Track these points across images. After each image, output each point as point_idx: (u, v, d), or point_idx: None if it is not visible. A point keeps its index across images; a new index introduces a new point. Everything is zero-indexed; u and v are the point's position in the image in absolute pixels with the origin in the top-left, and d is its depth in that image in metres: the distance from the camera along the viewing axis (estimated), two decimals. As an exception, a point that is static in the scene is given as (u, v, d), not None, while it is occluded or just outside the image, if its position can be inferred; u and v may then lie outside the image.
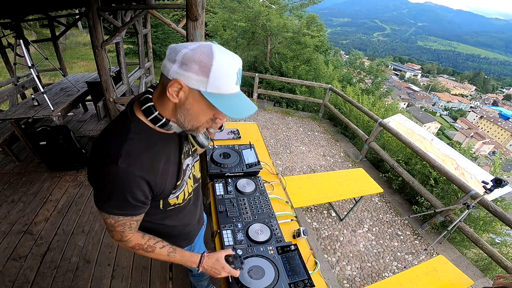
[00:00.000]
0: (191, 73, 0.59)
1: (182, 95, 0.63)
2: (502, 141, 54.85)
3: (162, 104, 0.68)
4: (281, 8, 8.97)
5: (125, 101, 2.83)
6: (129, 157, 0.64)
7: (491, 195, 2.70)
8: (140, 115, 0.69)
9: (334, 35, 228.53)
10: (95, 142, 0.69)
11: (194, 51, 0.58)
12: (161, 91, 0.66)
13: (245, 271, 1.11)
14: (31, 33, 10.06)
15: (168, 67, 0.61)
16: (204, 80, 0.59)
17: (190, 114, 0.67)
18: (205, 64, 0.58)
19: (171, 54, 0.60)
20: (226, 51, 0.62)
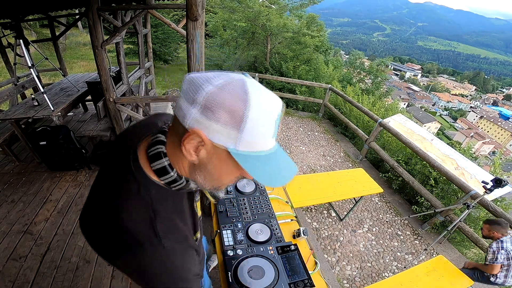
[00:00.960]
0: (217, 124, 0.42)
1: (203, 153, 0.47)
2: (502, 141, 54.86)
3: (176, 158, 0.52)
4: (281, 8, 8.97)
5: (125, 101, 2.83)
6: (169, 231, 0.52)
7: (491, 195, 2.70)
8: (151, 172, 0.53)
9: (334, 35, 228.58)
10: (102, 221, 0.51)
11: (222, 89, 0.42)
12: (174, 141, 0.50)
13: (245, 271, 1.11)
14: (31, 33, 10.06)
15: (185, 110, 0.44)
16: (234, 134, 0.43)
17: (213, 176, 0.52)
18: (237, 112, 0.42)
19: (189, 91, 0.44)
20: (264, 90, 0.45)
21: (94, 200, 0.57)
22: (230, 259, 1.16)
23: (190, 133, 0.44)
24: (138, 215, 0.50)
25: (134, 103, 3.42)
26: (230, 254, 1.18)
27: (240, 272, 1.10)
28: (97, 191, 0.57)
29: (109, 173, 0.57)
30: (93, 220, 0.54)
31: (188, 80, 0.45)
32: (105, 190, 0.55)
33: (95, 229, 0.54)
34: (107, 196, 0.53)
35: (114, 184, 0.54)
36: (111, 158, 0.59)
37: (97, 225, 0.53)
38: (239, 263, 1.14)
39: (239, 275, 1.09)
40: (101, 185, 0.57)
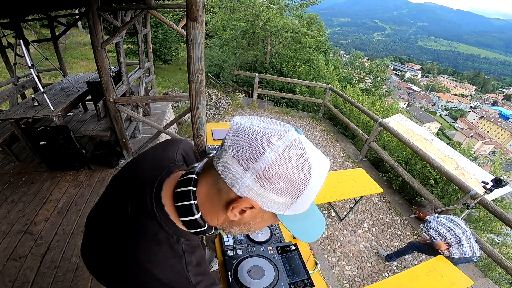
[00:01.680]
0: (273, 194, 0.40)
1: (248, 214, 0.45)
2: (502, 141, 54.87)
3: (210, 212, 0.49)
4: (281, 8, 8.97)
5: (125, 101, 2.83)
6: (201, 279, 0.52)
7: (491, 195, 2.71)
8: (177, 220, 0.50)
9: (334, 35, 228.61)
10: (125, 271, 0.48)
11: (284, 159, 0.38)
12: (211, 196, 0.47)
13: (245, 271, 1.11)
14: (31, 33, 10.06)
15: (235, 175, 0.40)
16: (287, 203, 0.41)
17: (249, 229, 0.51)
18: (298, 185, 0.39)
19: (244, 154, 0.39)
20: (318, 154, 0.42)
21: (104, 240, 0.52)
22: (230, 259, 1.16)
23: (241, 201, 0.42)
24: (171, 268, 0.48)
25: (134, 103, 3.42)
26: (230, 254, 1.18)
27: (240, 272, 1.10)
28: (107, 229, 0.52)
29: (121, 213, 0.51)
30: (108, 265, 0.50)
31: (241, 134, 0.40)
32: (121, 232, 0.49)
33: (113, 274, 0.50)
34: (125, 241, 0.48)
35: (133, 228, 0.48)
36: (123, 195, 0.54)
37: (116, 271, 0.49)
38: (239, 263, 1.14)
39: (239, 275, 1.09)
40: (112, 224, 0.52)
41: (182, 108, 5.82)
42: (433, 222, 2.45)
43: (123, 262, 0.48)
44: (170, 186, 0.52)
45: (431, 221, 2.44)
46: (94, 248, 0.55)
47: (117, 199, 0.54)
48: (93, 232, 0.56)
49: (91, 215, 0.60)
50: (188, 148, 0.71)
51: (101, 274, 0.52)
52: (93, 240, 0.55)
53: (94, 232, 0.56)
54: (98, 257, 0.53)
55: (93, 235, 0.56)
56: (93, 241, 0.56)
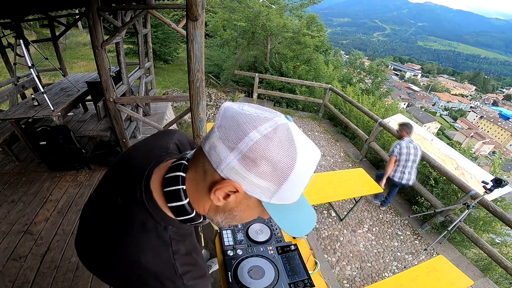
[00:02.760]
0: (257, 177, 0.39)
1: (232, 199, 0.44)
2: (502, 141, 54.87)
3: (196, 197, 0.48)
4: (281, 8, 8.97)
5: (125, 101, 2.83)
6: (189, 269, 0.51)
7: (491, 195, 2.71)
8: (166, 208, 0.49)
9: (334, 35, 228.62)
10: (113, 258, 0.48)
11: (270, 140, 0.37)
12: (197, 181, 0.46)
13: (245, 271, 1.11)
14: (31, 33, 10.06)
15: (221, 155, 0.39)
16: (272, 189, 0.40)
17: (235, 218, 0.49)
18: (282, 169, 0.38)
19: (230, 134, 0.39)
20: (306, 140, 0.42)
21: (96, 230, 0.52)
22: (230, 259, 1.16)
23: (225, 184, 0.41)
24: (158, 257, 0.48)
25: (134, 103, 3.42)
26: (230, 254, 1.18)
27: (240, 272, 1.10)
28: (99, 220, 0.52)
29: (113, 203, 0.51)
30: (99, 254, 0.51)
31: (229, 117, 0.40)
32: (112, 223, 0.50)
33: (103, 263, 0.50)
34: (115, 231, 0.49)
35: (123, 218, 0.49)
36: (114, 186, 0.54)
37: (105, 260, 0.50)
38: (239, 263, 1.14)
39: (239, 275, 1.09)
40: (104, 215, 0.52)
41: (182, 108, 5.82)
42: (404, 143, 2.98)
43: (113, 252, 0.48)
44: (160, 174, 0.51)
45: (404, 141, 2.99)
46: (87, 240, 0.54)
47: (109, 190, 0.54)
48: (86, 224, 0.56)
49: (85, 207, 0.59)
50: (184, 138, 0.70)
51: (94, 265, 0.53)
52: (86, 232, 0.55)
53: (87, 224, 0.56)
54: (90, 248, 0.53)
55: (86, 227, 0.56)
56: (86, 233, 0.55)
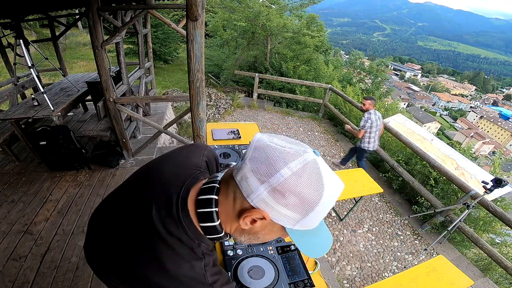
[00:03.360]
0: (284, 208, 0.42)
1: (258, 224, 0.48)
2: (502, 141, 54.86)
3: (225, 219, 0.52)
4: (281, 8, 8.96)
5: (125, 101, 2.83)
6: (217, 279, 0.55)
7: (491, 195, 2.70)
8: (197, 225, 0.53)
9: (334, 35, 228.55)
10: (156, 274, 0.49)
11: (299, 177, 0.41)
12: (228, 205, 0.50)
13: (245, 271, 1.11)
14: (31, 33, 10.06)
15: (252, 187, 0.43)
16: (297, 218, 0.44)
17: (258, 239, 0.54)
18: (309, 202, 0.42)
19: (261, 168, 0.42)
20: (333, 176, 0.45)
21: (122, 240, 0.53)
22: (230, 259, 1.16)
23: (253, 211, 0.45)
24: (192, 270, 0.51)
25: (134, 103, 3.42)
26: (230, 254, 1.18)
27: (240, 272, 1.10)
28: (125, 229, 0.53)
29: (145, 216, 0.52)
30: (126, 264, 0.51)
31: (260, 150, 0.44)
32: (145, 235, 0.51)
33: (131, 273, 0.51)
34: (150, 243, 0.50)
35: (158, 232, 0.50)
36: (146, 197, 0.55)
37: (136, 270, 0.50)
38: (239, 263, 1.14)
39: (239, 275, 1.09)
40: (134, 226, 0.53)
41: (182, 108, 5.82)
42: (372, 116, 3.35)
43: (143, 262, 0.49)
44: (194, 192, 0.54)
45: (372, 113, 3.36)
46: (104, 246, 0.55)
47: (138, 200, 0.56)
48: (103, 230, 0.57)
49: (100, 211, 0.61)
50: (211, 155, 0.74)
51: (109, 272, 0.54)
52: (103, 238, 0.56)
53: (105, 229, 0.57)
54: (109, 255, 0.54)
55: (104, 232, 0.57)
56: (102, 239, 0.56)
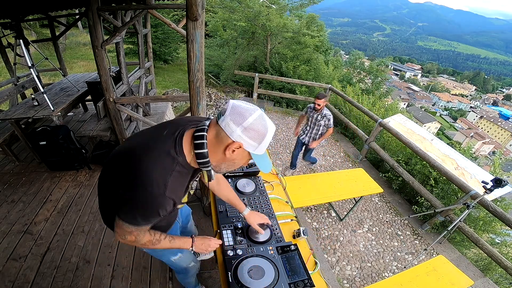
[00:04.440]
0: (250, 139, 0.75)
1: (236, 153, 0.79)
2: (502, 141, 54.83)
3: (213, 151, 0.81)
4: (281, 8, 8.95)
5: (125, 101, 2.83)
6: (172, 188, 0.80)
7: (491, 195, 2.70)
8: (187, 151, 0.82)
9: (334, 35, 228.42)
10: (141, 164, 0.78)
11: (256, 120, 0.74)
12: (215, 141, 0.80)
13: (245, 271, 1.11)
14: (31, 33, 10.05)
15: (232, 128, 0.74)
16: (256, 145, 0.77)
17: (233, 165, 0.85)
18: (261, 134, 0.75)
19: (236, 117, 0.73)
20: (270, 121, 0.79)
21: (140, 140, 0.87)
22: (230, 259, 1.16)
23: (234, 143, 0.76)
24: (163, 171, 0.78)
25: (134, 103, 3.42)
26: (230, 254, 1.18)
27: (240, 272, 1.10)
28: (147, 135, 0.87)
29: (159, 133, 0.85)
30: (124, 161, 0.83)
31: (235, 109, 0.75)
32: (152, 142, 0.82)
33: (123, 167, 0.82)
34: (151, 148, 0.80)
35: (161, 142, 0.82)
36: (163, 127, 0.88)
37: (127, 165, 0.81)
38: (239, 263, 1.14)
39: (239, 275, 1.09)
40: (152, 134, 0.86)
41: (182, 108, 5.82)
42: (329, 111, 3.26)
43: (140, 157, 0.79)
44: (192, 130, 0.85)
45: (327, 110, 3.20)
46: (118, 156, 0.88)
47: (160, 127, 0.89)
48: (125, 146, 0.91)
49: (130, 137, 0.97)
50: None
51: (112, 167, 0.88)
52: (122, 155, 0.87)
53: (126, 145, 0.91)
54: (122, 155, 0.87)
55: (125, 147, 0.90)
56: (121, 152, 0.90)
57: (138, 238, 0.90)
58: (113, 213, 0.87)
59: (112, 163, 0.89)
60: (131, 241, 0.90)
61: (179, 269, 1.48)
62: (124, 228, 0.84)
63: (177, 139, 0.82)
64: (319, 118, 3.23)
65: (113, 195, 0.86)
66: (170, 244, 1.04)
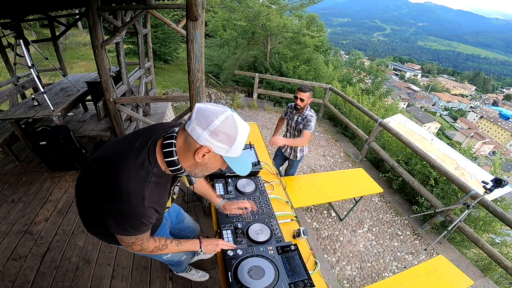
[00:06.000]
0: (219, 142, 0.73)
1: (207, 157, 0.77)
2: (502, 141, 54.81)
3: (183, 157, 0.80)
4: (281, 8, 8.96)
5: (125, 101, 2.83)
6: (151, 199, 0.80)
7: (491, 195, 2.70)
8: (160, 161, 0.81)
9: (334, 35, 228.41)
10: (117, 178, 0.76)
11: (223, 122, 0.72)
12: (184, 147, 0.78)
13: (245, 271, 1.11)
14: (31, 33, 10.06)
15: (198, 132, 0.72)
16: (227, 148, 0.75)
17: (207, 169, 0.84)
18: (231, 137, 0.73)
19: (202, 121, 0.72)
20: (242, 122, 0.77)
21: (114, 151, 0.83)
22: (230, 259, 1.16)
23: (203, 148, 0.74)
24: (139, 183, 0.77)
25: (134, 103, 3.42)
26: (230, 254, 1.18)
27: (240, 272, 1.10)
28: (121, 146, 0.84)
29: (131, 145, 0.82)
30: (99, 171, 0.81)
31: (201, 114, 0.73)
32: (123, 155, 0.80)
33: (98, 178, 0.80)
34: (123, 161, 0.78)
35: (133, 154, 0.79)
36: (136, 137, 0.86)
37: (102, 176, 0.79)
38: (239, 263, 1.14)
39: (239, 275, 1.09)
40: (121, 149, 0.83)
41: (182, 108, 5.82)
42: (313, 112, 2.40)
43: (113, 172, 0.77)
44: (161, 141, 0.83)
45: (311, 110, 2.40)
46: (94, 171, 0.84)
47: (134, 137, 0.86)
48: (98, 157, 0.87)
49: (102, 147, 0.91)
50: None
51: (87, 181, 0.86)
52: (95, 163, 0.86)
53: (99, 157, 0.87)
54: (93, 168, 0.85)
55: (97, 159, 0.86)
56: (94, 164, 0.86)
57: (143, 246, 0.92)
58: (100, 225, 0.92)
59: (88, 173, 0.87)
60: (138, 250, 0.93)
61: (172, 263, 1.59)
62: (125, 240, 0.86)
63: (150, 149, 0.80)
64: (299, 121, 2.40)
65: (93, 207, 0.85)
66: (178, 248, 1.06)
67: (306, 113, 2.37)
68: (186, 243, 1.09)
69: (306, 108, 2.38)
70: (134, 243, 0.89)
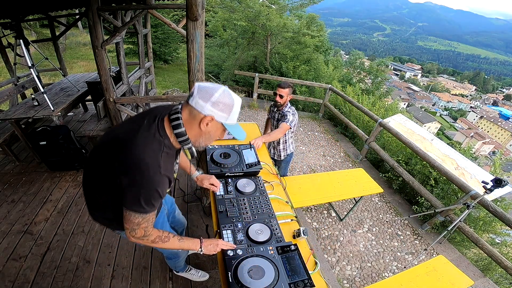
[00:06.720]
0: (220, 111, 0.87)
1: (210, 125, 0.90)
2: (502, 141, 54.81)
3: (189, 128, 0.92)
4: (281, 8, 8.97)
5: (125, 101, 2.83)
6: (165, 167, 0.89)
7: (491, 195, 2.70)
8: (169, 133, 0.92)
9: (334, 35, 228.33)
10: (132, 151, 0.83)
11: (222, 95, 0.86)
12: (190, 119, 0.90)
13: (245, 271, 1.11)
14: (31, 33, 10.06)
15: (202, 105, 0.86)
16: (226, 116, 0.89)
17: (210, 138, 0.96)
18: (229, 105, 0.88)
19: (204, 95, 0.85)
20: (235, 94, 0.91)
21: (122, 131, 0.92)
22: (230, 259, 1.15)
23: (207, 117, 0.87)
24: (154, 153, 0.86)
25: (134, 103, 3.42)
26: (230, 254, 1.18)
27: (240, 272, 1.10)
28: (128, 126, 0.93)
29: (140, 122, 0.91)
30: (111, 148, 0.88)
31: (203, 90, 0.87)
32: (135, 130, 0.88)
33: (112, 155, 0.87)
34: (136, 134, 0.87)
35: (145, 129, 0.88)
36: (143, 115, 0.95)
37: (116, 151, 0.86)
38: (239, 263, 1.14)
39: (239, 275, 1.09)
40: (133, 125, 0.91)
41: (182, 108, 5.80)
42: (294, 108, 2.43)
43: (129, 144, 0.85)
44: (168, 116, 0.93)
45: (292, 107, 2.43)
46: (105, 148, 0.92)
47: (137, 118, 0.95)
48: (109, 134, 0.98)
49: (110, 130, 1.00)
50: None
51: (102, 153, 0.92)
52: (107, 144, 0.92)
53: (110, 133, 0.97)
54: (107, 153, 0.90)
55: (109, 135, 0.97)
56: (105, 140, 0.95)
57: (147, 230, 0.95)
58: (106, 207, 0.99)
59: (99, 153, 0.93)
60: (141, 236, 0.95)
61: (170, 255, 1.61)
62: (132, 220, 0.90)
63: (159, 124, 0.90)
64: (279, 118, 2.40)
65: (108, 187, 0.91)
66: (179, 244, 1.08)
67: (285, 109, 2.40)
68: (187, 241, 1.11)
69: (286, 105, 2.41)
70: (140, 225, 0.91)
